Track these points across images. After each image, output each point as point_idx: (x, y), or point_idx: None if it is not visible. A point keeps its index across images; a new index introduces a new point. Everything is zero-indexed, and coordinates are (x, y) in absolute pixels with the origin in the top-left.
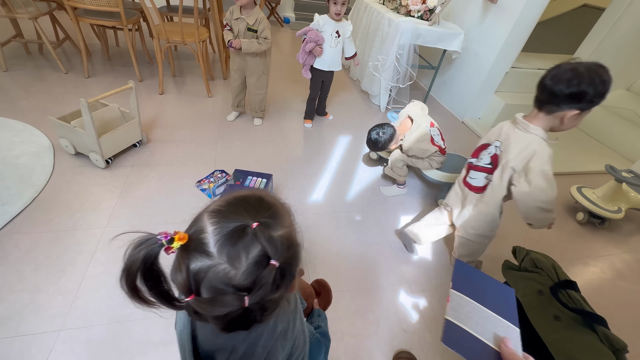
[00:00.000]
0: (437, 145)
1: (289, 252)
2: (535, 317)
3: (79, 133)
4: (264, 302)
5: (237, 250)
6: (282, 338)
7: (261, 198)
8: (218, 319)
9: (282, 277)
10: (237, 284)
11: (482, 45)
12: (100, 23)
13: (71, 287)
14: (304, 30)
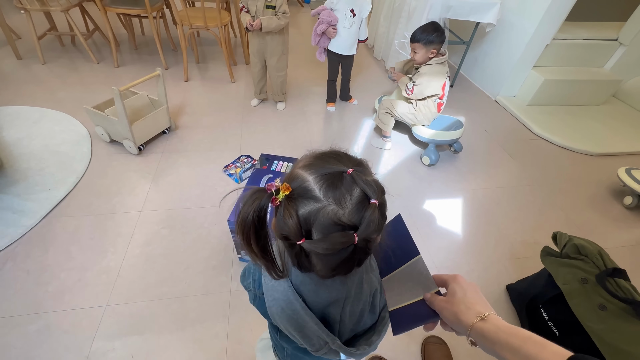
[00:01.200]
0: (443, 97)
1: (382, 194)
2: (578, 306)
3: (112, 121)
4: (367, 243)
5: (341, 192)
6: (370, 269)
7: (345, 152)
8: (326, 262)
9: (382, 216)
10: (346, 222)
11: (521, 15)
12: (126, 12)
13: (113, 266)
14: (318, 9)
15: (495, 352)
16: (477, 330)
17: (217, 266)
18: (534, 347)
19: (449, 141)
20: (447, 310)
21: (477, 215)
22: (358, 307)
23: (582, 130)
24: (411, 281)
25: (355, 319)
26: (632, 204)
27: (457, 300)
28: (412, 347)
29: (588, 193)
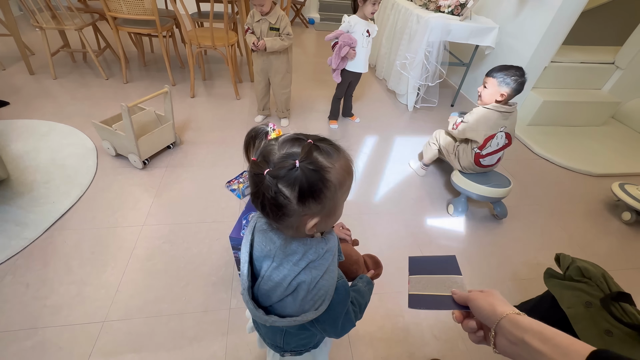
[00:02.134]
0: (483, 149)
1: (313, 173)
2: (584, 331)
3: (119, 136)
4: (277, 194)
5: (287, 144)
6: (312, 267)
7: (335, 142)
8: (250, 192)
9: (299, 186)
10: (272, 160)
11: (518, 39)
12: (138, 31)
13: (113, 281)
14: (334, 34)
15: (523, 341)
16: (511, 318)
17: (217, 283)
18: (565, 338)
19: (484, 198)
20: (484, 300)
21: (478, 235)
22: (276, 277)
23: (582, 151)
24: (442, 284)
25: (270, 286)
26: (631, 219)
27: (493, 295)
28: None
29: (589, 212)
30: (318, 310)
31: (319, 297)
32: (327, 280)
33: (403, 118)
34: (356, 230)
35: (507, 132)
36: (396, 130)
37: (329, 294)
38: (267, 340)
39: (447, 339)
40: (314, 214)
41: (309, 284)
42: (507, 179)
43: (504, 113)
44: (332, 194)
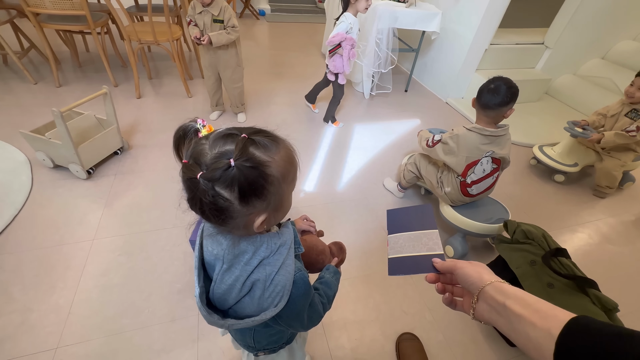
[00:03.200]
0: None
1: (250, 170)
2: (530, 287)
3: (55, 145)
4: (215, 197)
5: (218, 141)
6: (265, 264)
7: (273, 133)
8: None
9: (238, 186)
10: (204, 161)
11: (460, 24)
12: (66, 28)
13: (63, 303)
14: (338, 37)
15: (504, 306)
16: (496, 285)
17: (183, 289)
18: (546, 305)
19: (480, 235)
20: (471, 268)
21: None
22: (228, 280)
23: (523, 125)
24: (419, 242)
25: (223, 289)
26: (563, 180)
27: (480, 265)
28: (387, 347)
29: (531, 180)
30: (277, 306)
31: (276, 293)
32: (283, 275)
33: (361, 106)
34: (322, 219)
35: (495, 157)
36: (355, 118)
37: (287, 288)
38: (239, 341)
39: (415, 312)
40: (260, 212)
41: (265, 282)
42: (503, 208)
43: (488, 136)
44: (276, 188)
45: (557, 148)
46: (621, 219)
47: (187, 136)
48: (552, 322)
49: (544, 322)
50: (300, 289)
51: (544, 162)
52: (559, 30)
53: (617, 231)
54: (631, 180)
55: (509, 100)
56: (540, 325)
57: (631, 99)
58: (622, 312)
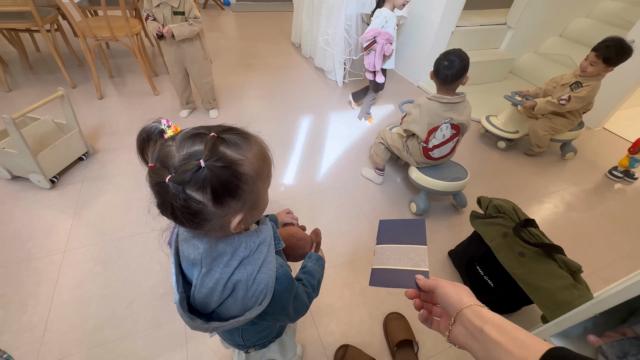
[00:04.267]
0: (428, 142)
1: (222, 170)
2: (503, 258)
3: (10, 154)
4: (187, 200)
5: (186, 142)
6: (246, 263)
7: (243, 130)
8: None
9: (210, 187)
10: (172, 163)
11: (427, 7)
12: (10, 26)
13: (37, 321)
14: (372, 33)
15: (481, 331)
16: (474, 309)
17: (166, 294)
18: (524, 333)
19: (444, 192)
20: (452, 288)
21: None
22: (208, 283)
23: (490, 105)
24: (405, 256)
25: (204, 293)
26: (505, 147)
27: (464, 288)
28: (375, 328)
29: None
30: (262, 304)
31: (259, 291)
32: (265, 273)
33: (335, 94)
34: (304, 210)
35: (454, 124)
36: (330, 107)
37: (270, 285)
38: (228, 342)
39: (400, 293)
40: (236, 212)
41: (247, 281)
42: (463, 169)
43: (447, 104)
44: (250, 187)
45: (501, 117)
46: (583, 187)
47: (151, 138)
48: (529, 352)
49: (521, 351)
50: (284, 284)
51: (490, 130)
52: (519, 10)
53: (580, 198)
54: (572, 151)
55: (463, 73)
56: (517, 354)
57: (584, 73)
58: (585, 273)
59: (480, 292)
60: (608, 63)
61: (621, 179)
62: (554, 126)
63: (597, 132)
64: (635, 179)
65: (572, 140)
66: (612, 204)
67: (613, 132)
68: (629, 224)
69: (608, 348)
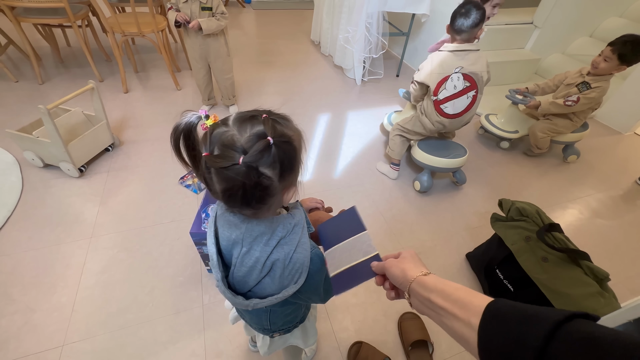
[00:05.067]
0: (439, 93)
1: (286, 145)
2: (525, 262)
3: (43, 143)
4: (260, 177)
5: (246, 124)
6: (283, 243)
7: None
8: (221, 182)
9: (279, 162)
10: (240, 146)
11: (450, 5)
12: (45, 22)
13: (66, 301)
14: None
15: (429, 301)
16: (419, 281)
17: (185, 282)
18: (464, 293)
19: (445, 169)
20: (396, 267)
21: (432, 194)
22: (249, 262)
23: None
24: (353, 249)
25: (244, 271)
26: (507, 147)
27: (406, 260)
28: (389, 327)
29: (522, 159)
30: (297, 283)
31: (295, 270)
32: (300, 253)
33: (353, 92)
34: None
35: (466, 74)
36: (348, 105)
37: (305, 265)
38: (254, 325)
39: None
40: (290, 184)
41: (284, 260)
42: (463, 148)
43: (457, 52)
44: (300, 159)
45: (500, 116)
46: (610, 193)
47: (190, 132)
48: (471, 311)
49: (464, 313)
50: (317, 264)
51: (489, 130)
52: (547, 9)
53: (606, 205)
54: (575, 154)
55: (479, 22)
56: (461, 316)
57: (595, 70)
58: (613, 281)
59: (500, 297)
60: (622, 60)
61: None
62: (555, 128)
63: (627, 137)
64: None
65: (575, 143)
66: None
67: None
68: None
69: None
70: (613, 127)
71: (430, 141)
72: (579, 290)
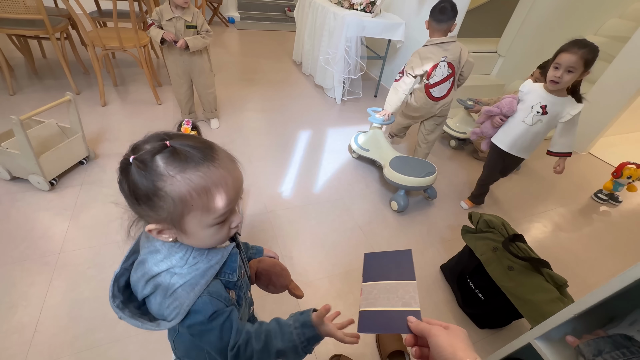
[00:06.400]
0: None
1: (142, 176)
2: (493, 271)
3: (12, 155)
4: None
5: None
6: (173, 273)
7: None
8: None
9: (126, 181)
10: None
11: (423, 33)
12: (21, 33)
13: (28, 321)
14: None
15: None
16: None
17: None
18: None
19: (418, 188)
20: (445, 339)
21: (407, 209)
22: (140, 270)
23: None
24: (395, 294)
25: (134, 280)
26: (456, 145)
27: (458, 338)
28: (367, 338)
29: None
30: (172, 321)
31: (174, 307)
32: (185, 291)
33: (333, 111)
34: (301, 221)
35: (450, 62)
36: (328, 122)
37: (185, 306)
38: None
39: None
40: (152, 219)
41: (166, 290)
42: (432, 166)
43: (440, 44)
44: (170, 207)
45: (456, 120)
46: (570, 208)
47: None
48: None
49: None
50: (200, 314)
51: (448, 133)
52: (509, 39)
53: (567, 219)
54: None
55: (453, 16)
56: None
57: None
58: (572, 291)
59: (471, 306)
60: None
61: (606, 201)
62: None
63: (583, 157)
64: (620, 202)
65: None
66: (598, 225)
67: (598, 157)
68: (615, 245)
69: (585, 347)
70: None
71: (402, 162)
72: (541, 296)
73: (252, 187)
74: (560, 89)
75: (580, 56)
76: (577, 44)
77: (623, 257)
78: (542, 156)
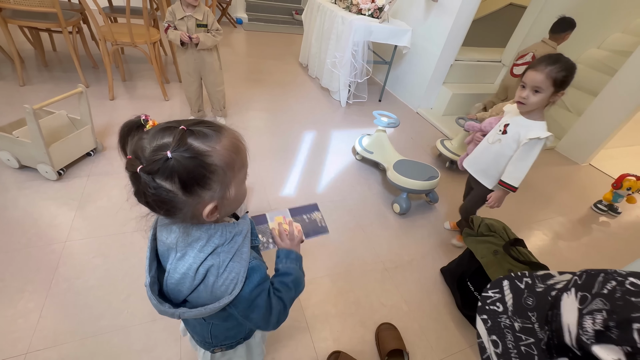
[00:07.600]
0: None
1: (189, 160)
2: (493, 274)
3: (23, 144)
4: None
5: (157, 135)
6: (220, 251)
7: (215, 123)
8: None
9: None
10: (142, 155)
11: (428, 40)
12: (34, 25)
13: (33, 307)
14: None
15: None
16: None
17: None
18: None
19: (421, 191)
20: None
21: (409, 212)
22: (181, 268)
23: None
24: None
25: (176, 278)
26: (448, 166)
27: None
28: (367, 337)
29: None
30: (232, 294)
31: (230, 280)
32: (237, 262)
33: (338, 113)
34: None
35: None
36: (333, 124)
37: (242, 275)
38: (196, 337)
39: (392, 304)
40: (207, 201)
41: (218, 267)
42: (435, 171)
43: None
44: (221, 177)
45: (454, 141)
46: (570, 217)
47: (131, 133)
48: None
49: None
50: (255, 277)
51: (444, 154)
52: (513, 50)
53: (567, 227)
54: None
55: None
56: None
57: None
58: None
59: (471, 308)
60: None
61: (605, 212)
62: None
63: (583, 168)
64: (619, 213)
65: None
66: (597, 235)
67: (598, 169)
68: (614, 255)
69: None
70: (571, 158)
71: (406, 165)
72: None
73: (256, 184)
74: (528, 111)
75: (547, 74)
76: (547, 59)
77: (621, 267)
78: (540, 168)
